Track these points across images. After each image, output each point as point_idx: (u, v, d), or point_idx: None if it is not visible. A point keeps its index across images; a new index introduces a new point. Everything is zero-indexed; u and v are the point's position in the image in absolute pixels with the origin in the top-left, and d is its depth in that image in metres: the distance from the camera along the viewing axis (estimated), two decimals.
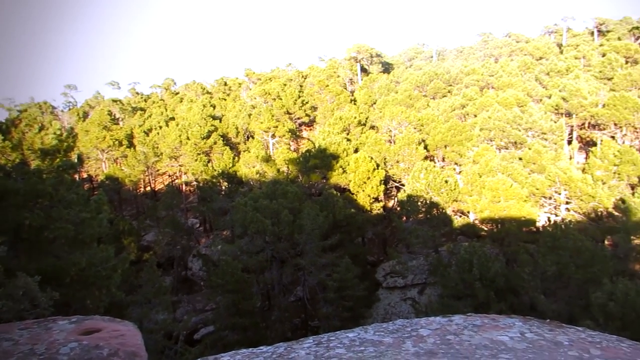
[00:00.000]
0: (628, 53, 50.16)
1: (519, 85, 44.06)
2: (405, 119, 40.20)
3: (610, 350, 2.78)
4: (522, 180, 27.31)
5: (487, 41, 69.98)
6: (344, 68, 64.45)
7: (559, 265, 18.04)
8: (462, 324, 3.19)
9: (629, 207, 20.14)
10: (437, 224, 27.60)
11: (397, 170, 35.53)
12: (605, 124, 37.71)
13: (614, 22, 65.53)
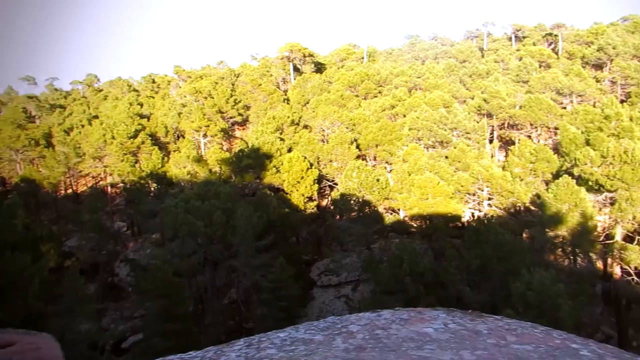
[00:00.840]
0: (542, 57, 53.92)
1: (444, 87, 45.99)
2: (337, 119, 40.75)
3: (525, 336, 2.96)
4: (448, 177, 28.52)
5: (414, 44, 72.49)
6: (277, 67, 64.24)
7: (482, 259, 19.04)
8: (390, 318, 3.27)
9: (544, 202, 21.58)
10: (369, 221, 28.21)
11: (331, 169, 35.94)
12: (522, 124, 40.30)
13: (529, 29, 70.17)
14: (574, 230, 20.46)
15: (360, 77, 50.11)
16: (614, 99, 27.30)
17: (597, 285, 24.05)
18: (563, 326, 13.78)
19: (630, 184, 19.21)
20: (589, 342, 2.99)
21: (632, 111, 27.65)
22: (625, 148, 19.37)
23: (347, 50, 75.53)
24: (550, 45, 62.67)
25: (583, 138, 26.08)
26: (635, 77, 42.38)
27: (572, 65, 48.02)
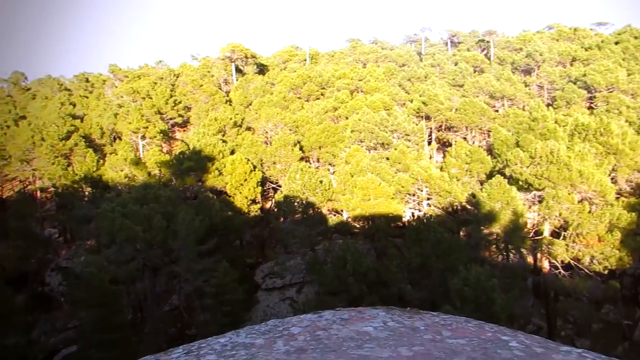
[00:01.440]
0: (476, 63, 56.41)
1: (385, 90, 47.02)
2: (281, 121, 40.67)
3: (459, 330, 3.09)
4: (390, 179, 29.16)
5: (355, 47, 73.65)
6: (219, 68, 63.22)
7: (422, 257, 19.63)
8: (331, 319, 3.30)
9: (478, 201, 22.54)
10: (313, 223, 28.33)
11: (274, 171, 35.81)
12: (458, 126, 41.94)
13: (464, 35, 73.23)
14: (506, 227, 21.50)
15: (303, 79, 50.28)
16: (541, 103, 29.02)
17: (528, 279, 25.42)
18: (497, 319, 14.46)
19: (556, 182, 20.45)
20: (518, 333, 3.16)
21: (557, 114, 29.48)
22: (551, 149, 20.60)
23: (290, 52, 75.57)
24: (483, 51, 65.69)
25: (513, 140, 27.53)
26: (560, 83, 45.22)
27: (503, 70, 50.59)
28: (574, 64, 50.06)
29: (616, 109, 35.57)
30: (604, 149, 23.93)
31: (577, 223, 20.13)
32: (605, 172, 22.47)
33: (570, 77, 44.46)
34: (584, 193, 20.95)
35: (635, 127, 28.08)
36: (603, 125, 24.36)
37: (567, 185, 20.54)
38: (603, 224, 19.65)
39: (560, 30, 67.38)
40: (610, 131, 24.07)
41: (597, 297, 24.50)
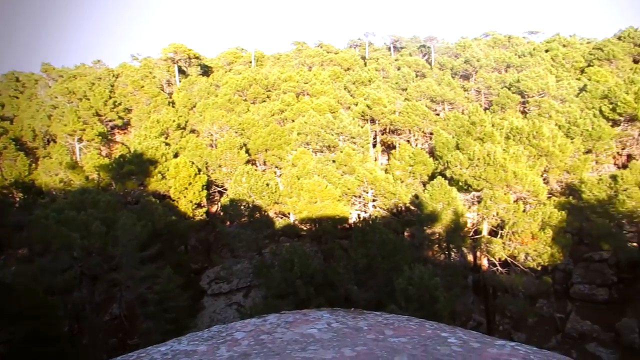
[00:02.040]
0: (417, 67, 58.10)
1: (330, 93, 47.46)
2: (226, 123, 40.13)
3: (401, 329, 3.16)
4: (336, 181, 29.44)
5: (301, 50, 73.91)
6: (161, 69, 61.55)
7: (368, 258, 19.93)
8: (275, 322, 3.29)
9: (421, 201, 23.20)
10: (260, 226, 28.11)
11: (220, 174, 35.26)
12: (402, 129, 42.97)
13: (406, 40, 75.23)
14: (447, 227, 22.25)
15: (249, 81, 49.87)
16: (478, 107, 30.29)
17: (468, 276, 26.42)
18: (440, 317, 14.93)
19: (493, 183, 21.40)
20: (456, 330, 3.28)
21: (494, 118, 30.87)
22: (488, 151, 21.54)
23: (235, 53, 74.77)
24: (424, 56, 67.75)
25: (454, 142, 28.55)
26: (496, 88, 47.39)
27: (443, 75, 52.40)
28: (509, 70, 52.62)
29: (547, 113, 37.68)
30: (536, 151, 25.29)
31: (513, 222, 21.13)
32: (537, 173, 23.75)
33: (505, 82, 46.70)
34: (519, 193, 22.05)
35: (564, 130, 29.87)
36: (535, 128, 25.75)
37: (503, 186, 21.53)
38: (536, 223, 20.73)
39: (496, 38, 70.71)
40: (542, 134, 25.48)
41: (531, 292, 25.80)
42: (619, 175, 22.06)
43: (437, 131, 32.44)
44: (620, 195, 21.02)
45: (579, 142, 28.30)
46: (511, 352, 2.77)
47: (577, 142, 28.02)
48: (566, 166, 26.36)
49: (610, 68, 48.79)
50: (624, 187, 21.19)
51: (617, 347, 23.29)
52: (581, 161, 26.65)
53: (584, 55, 56.30)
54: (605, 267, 27.31)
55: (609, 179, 22.63)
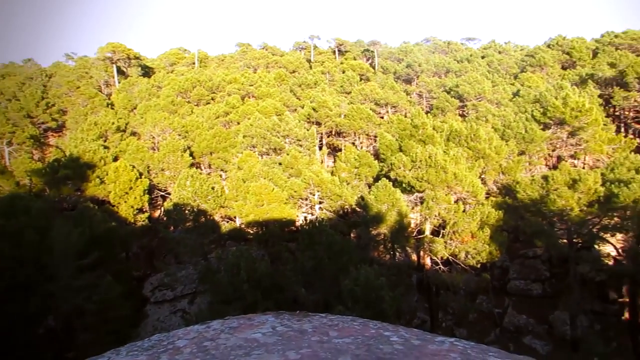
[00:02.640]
0: (362, 71, 59.11)
1: (276, 96, 47.39)
2: (169, 126, 39.12)
3: (345, 330, 3.21)
4: (282, 184, 29.41)
5: (245, 52, 73.33)
6: (98, 69, 59.14)
7: (315, 260, 20.01)
8: (219, 328, 3.24)
9: (367, 203, 23.59)
10: (205, 231, 27.59)
11: (163, 178, 34.30)
12: (347, 132, 43.56)
13: (350, 44, 76.32)
14: (392, 228, 22.75)
15: (192, 83, 48.87)
16: (420, 110, 31.18)
17: (412, 275, 27.12)
18: (386, 316, 15.23)
19: (434, 184, 22.10)
20: (399, 328, 3.36)
21: (435, 121, 31.87)
22: (430, 153, 22.24)
23: (177, 54, 73.07)
24: (368, 60, 69.04)
25: (397, 145, 29.24)
26: (437, 92, 49.04)
27: (386, 79, 53.64)
28: (448, 74, 54.63)
29: (484, 117, 39.41)
30: (474, 153, 26.38)
31: (454, 222, 21.92)
32: (476, 174, 24.77)
33: (445, 86, 48.44)
34: (459, 194, 22.91)
35: (499, 133, 31.35)
36: (473, 131, 26.85)
37: (444, 187, 22.29)
38: (475, 222, 21.61)
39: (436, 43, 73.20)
40: (479, 137, 26.61)
41: (472, 289, 26.88)
42: (550, 176, 23.37)
43: (381, 134, 33.09)
44: (551, 194, 22.26)
45: (513, 144, 29.79)
46: (450, 347, 2.88)
47: (511, 144, 29.48)
48: (502, 167, 27.67)
49: (541, 74, 51.74)
50: (554, 187, 22.47)
51: (550, 339, 24.67)
52: (515, 162, 28.04)
53: (517, 61, 59.42)
54: (539, 263, 28.87)
55: (541, 179, 23.93)
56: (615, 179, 22.19)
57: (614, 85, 42.69)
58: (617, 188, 20.61)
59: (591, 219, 22.42)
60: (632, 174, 22.52)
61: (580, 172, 22.85)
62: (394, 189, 22.89)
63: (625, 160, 25.32)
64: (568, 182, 22.34)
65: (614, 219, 22.04)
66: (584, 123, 29.68)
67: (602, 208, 21.54)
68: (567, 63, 56.59)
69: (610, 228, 22.47)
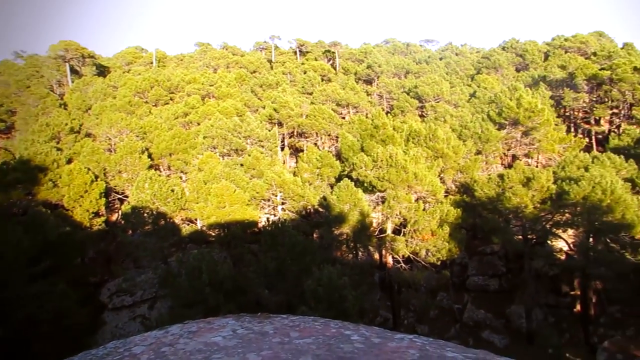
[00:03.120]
0: (323, 72, 59.32)
1: (237, 96, 46.95)
2: (126, 127, 38.08)
3: (306, 330, 3.21)
4: (244, 185, 29.15)
5: (205, 51, 72.27)
6: (50, 68, 56.94)
7: (278, 261, 19.93)
8: (177, 333, 3.18)
9: (329, 203, 23.70)
10: (165, 234, 27.00)
11: (120, 181, 33.36)
12: (309, 132, 43.63)
13: (311, 44, 76.48)
14: (354, 227, 22.94)
15: (150, 83, 47.74)
16: (381, 111, 31.57)
17: (375, 274, 27.43)
18: (349, 315, 15.33)
19: (395, 184, 22.42)
20: (360, 327, 3.39)
21: (395, 121, 32.36)
22: (390, 153, 22.55)
23: (134, 53, 71.24)
24: (329, 61, 69.36)
25: (359, 145, 29.52)
26: (396, 92, 49.79)
27: (347, 80, 54.03)
28: (407, 76, 55.56)
29: (442, 117, 40.32)
30: (433, 153, 26.94)
31: (414, 220, 22.30)
32: (435, 174, 25.29)
33: (404, 87, 49.24)
34: (419, 193, 23.33)
35: (457, 133, 32.14)
36: (432, 131, 27.42)
37: (405, 186, 22.65)
38: (435, 220, 22.06)
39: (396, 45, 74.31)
40: (438, 137, 27.20)
41: (432, 286, 27.43)
42: (505, 175, 24.16)
43: (343, 134, 33.33)
44: (506, 192, 23.01)
45: (471, 144, 30.61)
46: (409, 344, 2.92)
47: (468, 144, 30.28)
48: (460, 166, 28.36)
49: (496, 76, 53.39)
50: (509, 185, 23.23)
51: (507, 332, 25.47)
52: (472, 162, 28.81)
53: (473, 63, 61.11)
54: (496, 259, 29.78)
55: (497, 178, 24.70)
56: (566, 177, 23.15)
57: (564, 87, 44.58)
58: (568, 185, 21.50)
59: (544, 216, 23.32)
60: (582, 172, 23.54)
61: (533, 170, 23.72)
62: (355, 189, 23.08)
63: (575, 159, 26.48)
64: (522, 180, 23.14)
65: (565, 215, 23.00)
66: (537, 123, 30.83)
67: (554, 205, 22.44)
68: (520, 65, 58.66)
69: (562, 224, 23.44)
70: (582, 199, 21.05)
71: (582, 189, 20.99)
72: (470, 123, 33.05)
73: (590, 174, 21.75)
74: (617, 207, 20.49)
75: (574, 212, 22.27)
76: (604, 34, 63.32)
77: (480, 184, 25.19)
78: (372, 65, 57.27)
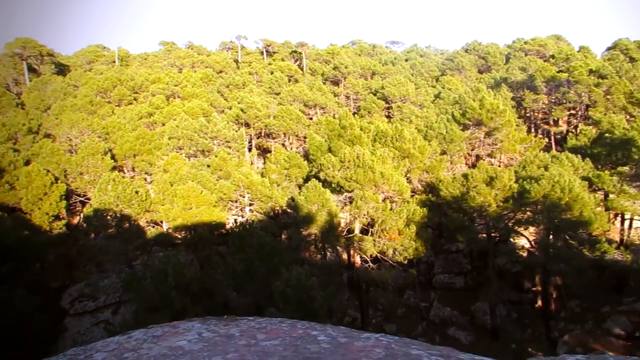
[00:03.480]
0: (290, 72, 59.25)
1: (203, 96, 46.32)
2: (87, 127, 37.08)
3: (273, 332, 3.20)
4: (211, 186, 28.81)
5: (170, 50, 71.06)
6: (6, 66, 54.84)
7: (246, 262, 19.78)
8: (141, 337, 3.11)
9: (297, 204, 23.66)
10: (129, 237, 26.42)
11: (81, 183, 32.43)
12: (277, 133, 43.49)
13: (278, 45, 76.25)
14: (322, 228, 22.98)
15: (113, 82, 46.58)
16: (348, 112, 31.77)
17: (343, 274, 27.57)
18: (317, 316, 15.36)
19: (363, 184, 22.60)
20: (326, 327, 3.40)
21: (362, 122, 32.64)
22: (358, 154, 22.71)
23: (95, 52, 69.41)
24: (296, 62, 69.31)
25: (326, 145, 29.62)
26: (363, 93, 50.20)
27: (315, 80, 54.13)
28: (374, 77, 56.09)
29: (408, 118, 40.90)
30: (400, 153, 27.29)
31: (381, 220, 22.52)
32: (401, 174, 25.63)
33: (371, 88, 49.68)
34: (386, 193, 23.58)
35: (422, 133, 32.67)
36: (398, 132, 27.77)
37: (372, 186, 22.86)
38: (402, 220, 22.34)
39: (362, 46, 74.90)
40: (404, 137, 27.56)
41: (399, 285, 27.78)
42: (470, 174, 24.70)
43: (311, 135, 33.37)
44: (471, 191, 23.52)
45: (436, 144, 31.18)
46: (375, 343, 2.95)
47: (434, 144, 30.82)
48: (425, 166, 28.83)
49: (460, 77, 54.56)
50: (473, 185, 23.76)
51: (472, 329, 26.05)
52: (438, 162, 29.34)
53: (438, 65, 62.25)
54: (461, 257, 30.41)
55: (461, 177, 25.22)
56: (527, 176, 23.85)
57: (525, 89, 45.96)
58: (529, 184, 22.16)
59: (507, 214, 23.95)
60: (542, 171, 24.30)
61: (496, 170, 24.34)
62: (323, 189, 23.13)
63: (535, 159, 27.32)
64: (486, 179, 23.71)
65: (526, 213, 23.70)
66: (499, 124, 31.66)
67: (516, 203, 23.08)
68: (483, 67, 60.14)
69: (524, 222, 24.14)
70: (542, 198, 21.73)
71: (542, 187, 21.67)
72: (435, 124, 33.65)
73: (550, 173, 22.48)
74: (575, 205, 21.24)
75: (534, 210, 22.97)
76: (561, 37, 65.69)
77: (446, 183, 25.66)
78: (339, 66, 57.54)
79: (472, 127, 33.19)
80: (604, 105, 38.52)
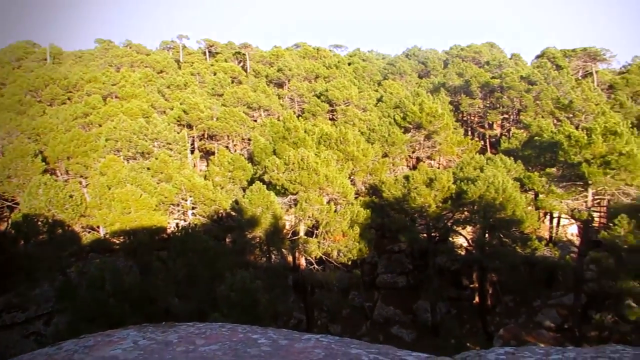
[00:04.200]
0: (234, 74, 58.57)
1: (143, 97, 44.86)
2: (16, 127, 34.93)
3: (213, 337, 3.15)
4: (152, 189, 27.93)
5: (107, 49, 68.25)
6: None
7: (188, 267, 19.32)
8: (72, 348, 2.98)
9: (241, 207, 23.39)
10: (63, 243, 25.14)
11: (9, 186, 30.54)
12: (220, 135, 42.83)
13: (221, 45, 75.12)
14: (267, 231, 22.86)
15: (44, 81, 44.17)
16: (292, 114, 31.82)
17: (288, 276, 27.51)
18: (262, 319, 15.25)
19: (307, 186, 22.69)
20: (267, 330, 3.39)
21: (306, 124, 32.78)
22: (302, 156, 22.78)
23: (25, 48, 65.55)
24: (240, 63, 68.56)
25: (271, 148, 29.50)
26: (307, 96, 50.41)
27: (259, 82, 53.76)
28: (318, 80, 56.45)
29: (351, 121, 41.49)
30: (344, 155, 27.64)
31: (326, 222, 22.70)
32: (345, 176, 25.95)
33: (315, 91, 49.99)
34: (330, 195, 23.80)
35: (366, 136, 33.26)
36: (342, 134, 28.12)
37: (317, 189, 23.00)
38: (346, 221, 22.61)
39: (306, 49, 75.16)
40: (348, 140, 27.94)
41: (344, 286, 28.09)
42: (411, 176, 25.41)
43: (255, 137, 33.13)
44: (412, 193, 24.19)
45: (378, 146, 31.82)
46: (315, 344, 2.98)
47: (376, 146, 31.45)
48: (369, 168, 29.36)
49: (401, 81, 56.02)
50: (414, 186, 24.45)
51: (414, 327, 26.77)
52: (380, 164, 29.96)
53: (380, 69, 63.61)
54: (403, 257, 31.18)
55: (403, 179, 25.90)
56: (464, 177, 24.84)
57: (462, 93, 47.88)
58: (466, 185, 23.10)
59: (446, 214, 24.84)
60: (478, 172, 25.40)
61: (435, 171, 25.19)
62: (268, 192, 23.02)
63: (472, 161, 28.52)
64: (426, 181, 24.47)
65: (464, 213, 24.68)
66: (438, 127, 32.78)
67: (455, 204, 23.99)
68: (423, 72, 62.06)
69: (462, 221, 25.14)
70: (479, 198, 22.71)
71: (478, 188, 22.64)
72: (378, 127, 34.34)
73: (485, 175, 23.54)
74: (508, 204, 22.36)
75: (471, 210, 23.96)
76: (494, 45, 68.95)
77: (388, 185, 26.24)
78: (283, 68, 57.50)
79: (412, 130, 34.15)
80: (534, 110, 40.81)
